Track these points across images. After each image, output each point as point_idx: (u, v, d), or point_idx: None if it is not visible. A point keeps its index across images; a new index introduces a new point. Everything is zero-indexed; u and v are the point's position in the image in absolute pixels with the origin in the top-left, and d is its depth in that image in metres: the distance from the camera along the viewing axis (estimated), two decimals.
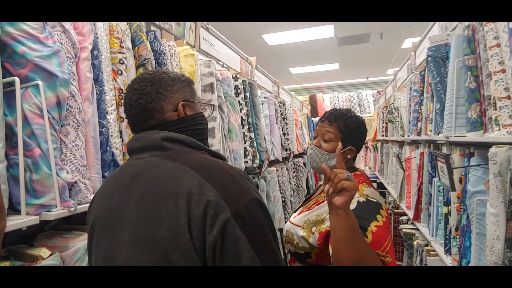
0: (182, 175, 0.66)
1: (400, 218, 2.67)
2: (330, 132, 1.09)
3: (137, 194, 0.68)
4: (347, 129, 1.09)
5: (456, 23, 1.77)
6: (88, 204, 0.96)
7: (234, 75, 2.17)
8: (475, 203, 1.16)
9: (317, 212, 1.01)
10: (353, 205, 0.92)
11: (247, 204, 0.66)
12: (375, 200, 0.96)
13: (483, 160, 1.25)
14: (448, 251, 1.49)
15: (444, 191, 1.58)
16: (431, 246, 1.76)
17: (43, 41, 0.87)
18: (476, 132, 1.27)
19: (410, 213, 2.25)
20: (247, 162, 2.18)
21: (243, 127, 2.18)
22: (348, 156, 1.11)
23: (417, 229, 2.16)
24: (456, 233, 1.39)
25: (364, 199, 0.95)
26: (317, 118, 7.13)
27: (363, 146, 7.19)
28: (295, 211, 1.17)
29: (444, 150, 1.64)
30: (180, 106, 0.77)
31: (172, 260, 0.62)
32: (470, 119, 1.30)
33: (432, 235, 1.75)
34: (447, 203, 1.55)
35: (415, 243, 2.14)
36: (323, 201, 1.04)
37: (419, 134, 2.18)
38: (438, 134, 1.68)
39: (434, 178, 1.75)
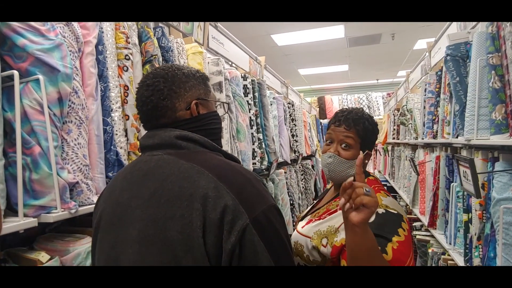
0: (197, 176, 0.63)
1: (413, 224, 2.58)
2: (350, 137, 0.98)
3: (148, 192, 0.65)
4: (365, 133, 0.99)
5: None
6: (91, 205, 0.92)
7: (243, 75, 2.12)
8: (501, 211, 1.08)
9: (329, 222, 0.92)
10: (371, 218, 0.86)
11: (265, 210, 0.63)
12: (396, 212, 0.87)
13: (510, 165, 1.17)
14: (468, 261, 1.41)
15: (464, 197, 1.50)
16: (448, 255, 1.68)
17: (44, 33, 0.83)
18: (502, 135, 1.19)
19: (425, 219, 2.16)
20: (255, 163, 2.13)
21: (251, 128, 2.12)
22: (366, 161, 1.02)
23: (432, 236, 2.07)
24: (478, 242, 1.30)
25: (384, 211, 0.86)
26: (326, 120, 7.03)
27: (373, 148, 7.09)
28: (302, 219, 1.08)
29: (464, 153, 1.55)
30: (193, 104, 0.74)
31: (182, 264, 0.59)
32: (494, 121, 1.22)
33: (450, 244, 1.67)
34: (467, 210, 1.46)
35: (429, 250, 2.05)
36: (336, 210, 0.96)
37: (435, 137, 2.09)
38: (457, 137, 1.59)
39: (452, 183, 1.66)
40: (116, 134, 1.07)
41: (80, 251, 0.87)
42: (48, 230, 1.02)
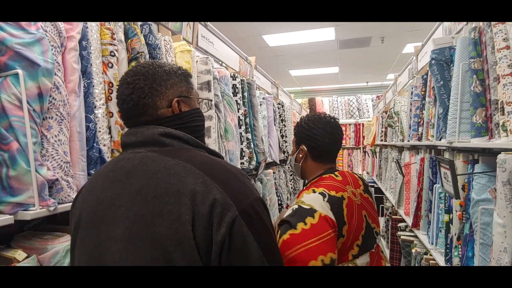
0: (184, 173, 0.64)
1: (398, 225, 2.62)
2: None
3: (133, 190, 0.65)
4: (297, 130, 1.20)
5: (461, 26, 1.72)
6: (71, 203, 0.90)
7: (232, 74, 2.11)
8: (479, 212, 1.11)
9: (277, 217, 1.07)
10: (287, 212, 1.00)
11: (252, 202, 0.66)
12: (308, 207, 0.97)
13: (488, 167, 1.20)
14: (449, 261, 1.44)
15: (446, 198, 1.53)
16: (430, 255, 1.71)
17: (25, 27, 0.81)
18: (481, 138, 1.22)
19: (409, 220, 2.20)
20: (243, 163, 2.13)
21: (240, 128, 2.12)
22: (300, 155, 1.19)
23: (416, 236, 2.11)
24: (458, 242, 1.33)
25: (297, 206, 0.99)
26: None
27: (361, 150, 7.17)
28: None
29: (447, 156, 1.59)
30: (175, 102, 0.74)
31: (172, 259, 0.60)
32: (475, 124, 1.25)
33: (432, 244, 1.70)
34: (448, 210, 1.49)
35: (413, 250, 2.09)
36: (288, 205, 1.09)
37: (420, 139, 2.13)
38: (440, 140, 1.63)
39: (435, 185, 1.70)
40: (100, 131, 1.06)
41: (58, 249, 0.85)
42: (26, 228, 0.99)
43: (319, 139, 1.15)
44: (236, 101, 2.11)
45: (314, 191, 1.03)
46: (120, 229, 0.63)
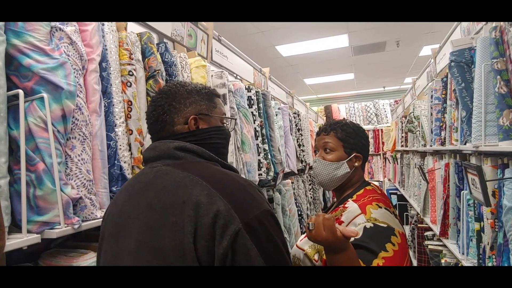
0: (191, 185, 0.65)
1: (425, 234, 2.51)
2: (329, 142, 1.04)
3: (145, 202, 0.67)
4: (345, 134, 1.04)
5: (480, 26, 1.67)
6: (94, 220, 0.93)
7: (247, 86, 2.13)
8: None
9: None
10: (359, 232, 0.86)
11: (259, 215, 0.64)
12: (385, 225, 0.86)
13: None
14: None
15: (475, 205, 1.46)
16: (462, 266, 1.62)
17: (49, 53, 0.85)
18: (511, 141, 1.16)
19: (436, 229, 2.10)
20: (261, 174, 2.12)
21: (256, 139, 2.12)
22: (356, 164, 1.05)
23: (444, 245, 2.01)
24: (491, 252, 1.26)
25: (372, 225, 0.86)
26: None
27: (382, 157, 7.00)
28: (304, 232, 1.09)
29: (473, 160, 1.52)
30: (191, 119, 0.77)
31: None
32: (502, 126, 1.19)
33: (463, 254, 1.61)
34: (479, 218, 1.42)
35: (443, 261, 1.99)
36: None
37: (443, 143, 2.05)
38: (465, 144, 1.56)
39: (463, 191, 1.62)
40: (120, 148, 1.08)
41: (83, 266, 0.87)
42: (53, 246, 1.02)
43: (367, 147, 1.08)
44: (252, 112, 2.12)
45: (379, 206, 0.92)
46: (132, 241, 0.65)
